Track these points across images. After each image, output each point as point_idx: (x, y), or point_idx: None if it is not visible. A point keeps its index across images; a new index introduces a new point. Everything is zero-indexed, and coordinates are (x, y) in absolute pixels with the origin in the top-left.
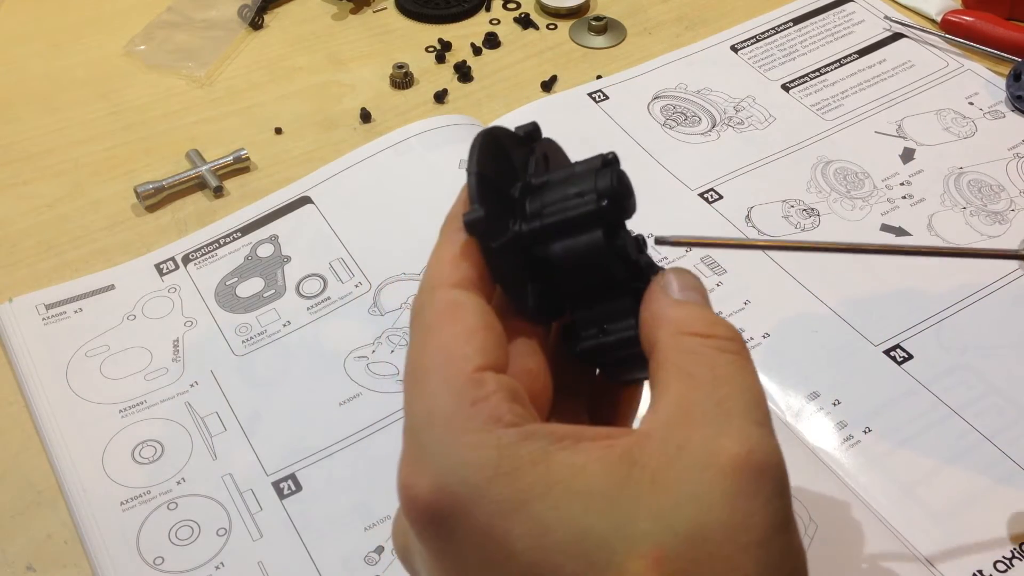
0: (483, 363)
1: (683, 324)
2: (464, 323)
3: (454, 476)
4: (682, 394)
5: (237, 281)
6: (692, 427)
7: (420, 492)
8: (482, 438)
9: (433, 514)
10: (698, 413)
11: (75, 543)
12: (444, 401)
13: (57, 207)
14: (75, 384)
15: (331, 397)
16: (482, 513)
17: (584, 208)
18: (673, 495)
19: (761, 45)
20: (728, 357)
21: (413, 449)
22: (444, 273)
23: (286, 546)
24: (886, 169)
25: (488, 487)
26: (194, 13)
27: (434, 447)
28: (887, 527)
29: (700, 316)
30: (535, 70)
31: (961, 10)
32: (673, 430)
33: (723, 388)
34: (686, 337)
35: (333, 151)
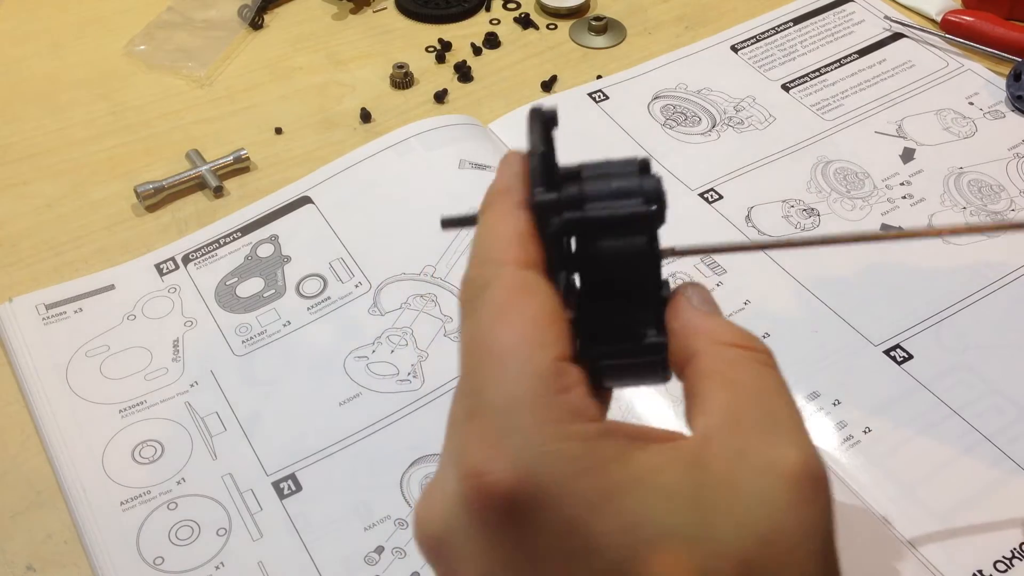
0: (561, 352)
1: (720, 335)
2: (543, 307)
3: (540, 466)
4: (731, 402)
5: (237, 281)
6: (748, 434)
7: (500, 479)
8: (568, 429)
9: (513, 504)
10: (750, 421)
11: (75, 543)
12: (528, 387)
13: (57, 207)
14: (75, 384)
15: (331, 397)
16: (568, 506)
17: (633, 209)
18: (744, 499)
19: (761, 45)
20: (768, 370)
21: (490, 433)
22: (510, 250)
23: (286, 546)
24: (886, 169)
25: (575, 480)
26: (194, 13)
27: (517, 434)
28: (887, 527)
29: (734, 328)
30: (535, 70)
31: (961, 10)
32: (730, 436)
33: (770, 398)
34: (727, 348)
35: (333, 151)
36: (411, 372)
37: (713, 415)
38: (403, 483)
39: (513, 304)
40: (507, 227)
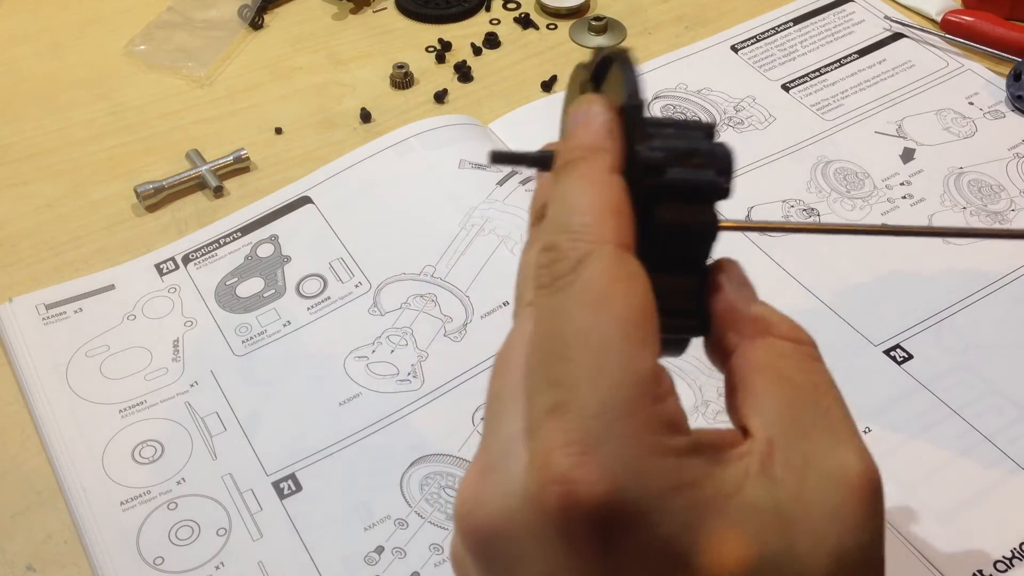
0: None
1: (768, 325)
2: (644, 299)
3: (636, 481)
4: (787, 400)
5: (237, 281)
6: (808, 438)
7: (591, 492)
8: (664, 443)
9: (603, 518)
10: (808, 422)
11: (75, 543)
12: (627, 392)
13: (57, 207)
14: (75, 384)
15: (331, 397)
16: (662, 524)
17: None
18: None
19: (761, 45)
20: (818, 365)
21: (581, 437)
22: (608, 225)
23: (286, 546)
24: (886, 169)
25: (670, 498)
26: (194, 13)
27: (612, 443)
28: (887, 527)
29: (781, 318)
30: (535, 70)
31: (961, 10)
32: (792, 440)
33: (824, 398)
34: (776, 340)
35: (333, 151)
36: (411, 372)
37: (769, 415)
38: (403, 483)
39: (615, 292)
40: (601, 195)
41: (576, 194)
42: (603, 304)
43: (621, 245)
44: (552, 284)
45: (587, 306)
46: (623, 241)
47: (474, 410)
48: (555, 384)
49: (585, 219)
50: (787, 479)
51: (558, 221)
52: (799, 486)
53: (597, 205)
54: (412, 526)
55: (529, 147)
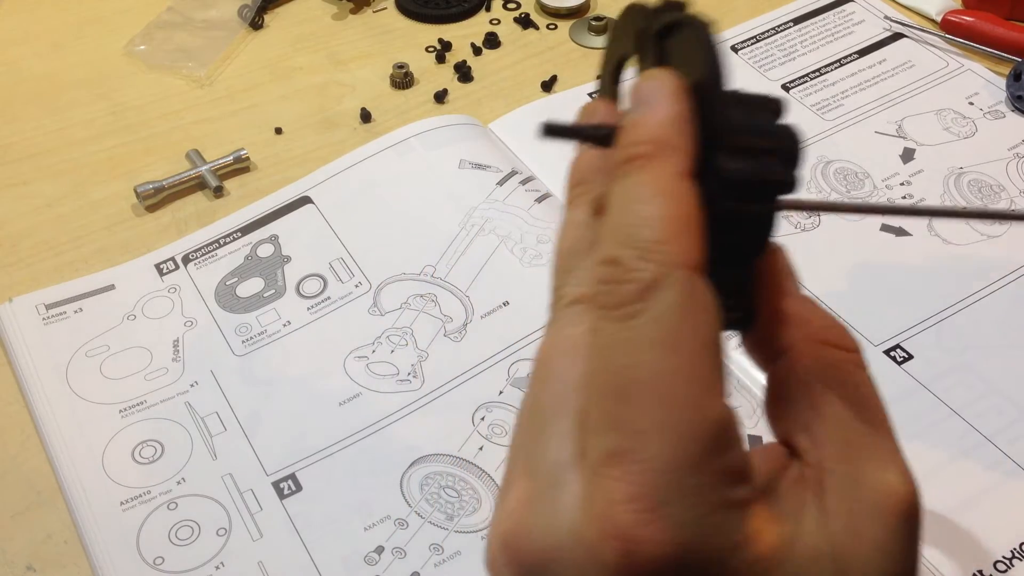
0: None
1: (818, 330)
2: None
3: (701, 541)
4: (837, 416)
5: (237, 281)
6: (859, 459)
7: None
8: (728, 497)
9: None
10: (857, 440)
11: (75, 543)
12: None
13: (57, 207)
14: (75, 384)
15: (331, 397)
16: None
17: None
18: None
19: (761, 45)
20: (866, 377)
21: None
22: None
23: (286, 546)
24: (886, 169)
25: (733, 555)
26: (194, 13)
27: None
28: None
29: (829, 322)
30: (535, 70)
31: (961, 10)
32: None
33: (871, 412)
34: (825, 348)
35: (333, 151)
36: (411, 372)
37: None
38: (403, 483)
39: (687, 330)
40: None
41: (645, 202)
42: (675, 346)
43: (695, 269)
44: (617, 309)
45: (656, 346)
46: (696, 263)
47: (474, 410)
48: (616, 427)
49: (655, 234)
50: (839, 510)
51: (623, 231)
52: (850, 517)
53: (669, 219)
54: (412, 526)
55: (529, 147)
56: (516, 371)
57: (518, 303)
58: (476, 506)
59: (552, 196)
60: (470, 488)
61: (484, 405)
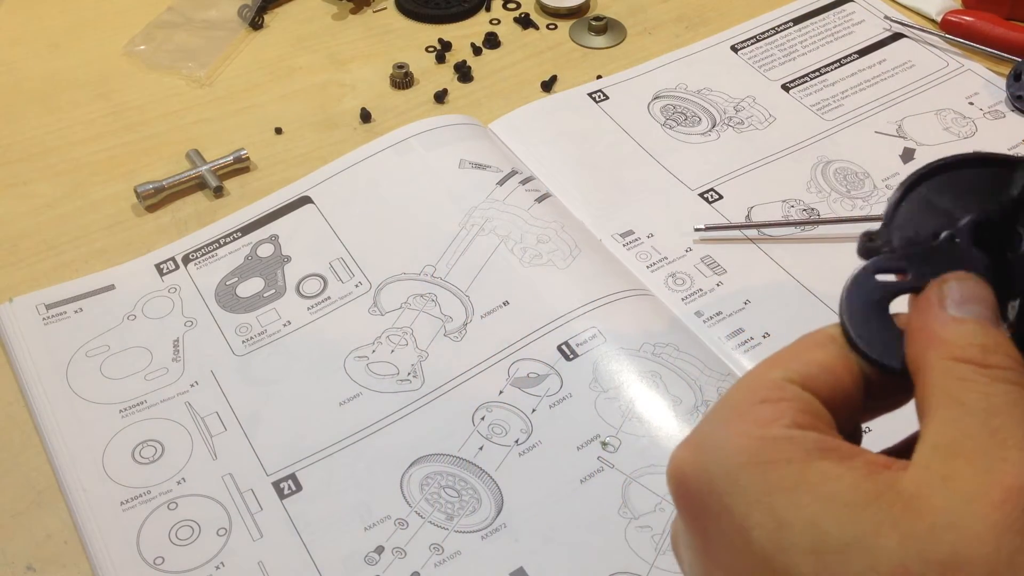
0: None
1: (956, 348)
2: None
3: (713, 456)
4: (952, 423)
5: (237, 281)
6: (961, 458)
7: (684, 467)
8: (750, 429)
9: (690, 489)
10: (969, 444)
11: (75, 543)
12: (739, 395)
13: (57, 207)
14: (75, 384)
15: (331, 397)
16: (729, 496)
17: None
18: (928, 520)
19: (761, 45)
20: (1005, 387)
21: (694, 431)
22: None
23: (286, 546)
24: (886, 169)
25: (739, 473)
26: (194, 13)
27: (708, 429)
28: None
29: (977, 341)
30: (535, 70)
31: (961, 10)
32: (940, 461)
33: (998, 418)
34: (959, 364)
35: (333, 151)
36: (411, 372)
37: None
38: (403, 483)
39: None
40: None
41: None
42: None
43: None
44: None
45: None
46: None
47: (474, 410)
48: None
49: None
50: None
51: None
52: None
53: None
54: (412, 526)
55: (529, 147)
56: (516, 371)
57: (518, 303)
58: (476, 506)
59: (552, 196)
60: (470, 488)
61: (484, 405)
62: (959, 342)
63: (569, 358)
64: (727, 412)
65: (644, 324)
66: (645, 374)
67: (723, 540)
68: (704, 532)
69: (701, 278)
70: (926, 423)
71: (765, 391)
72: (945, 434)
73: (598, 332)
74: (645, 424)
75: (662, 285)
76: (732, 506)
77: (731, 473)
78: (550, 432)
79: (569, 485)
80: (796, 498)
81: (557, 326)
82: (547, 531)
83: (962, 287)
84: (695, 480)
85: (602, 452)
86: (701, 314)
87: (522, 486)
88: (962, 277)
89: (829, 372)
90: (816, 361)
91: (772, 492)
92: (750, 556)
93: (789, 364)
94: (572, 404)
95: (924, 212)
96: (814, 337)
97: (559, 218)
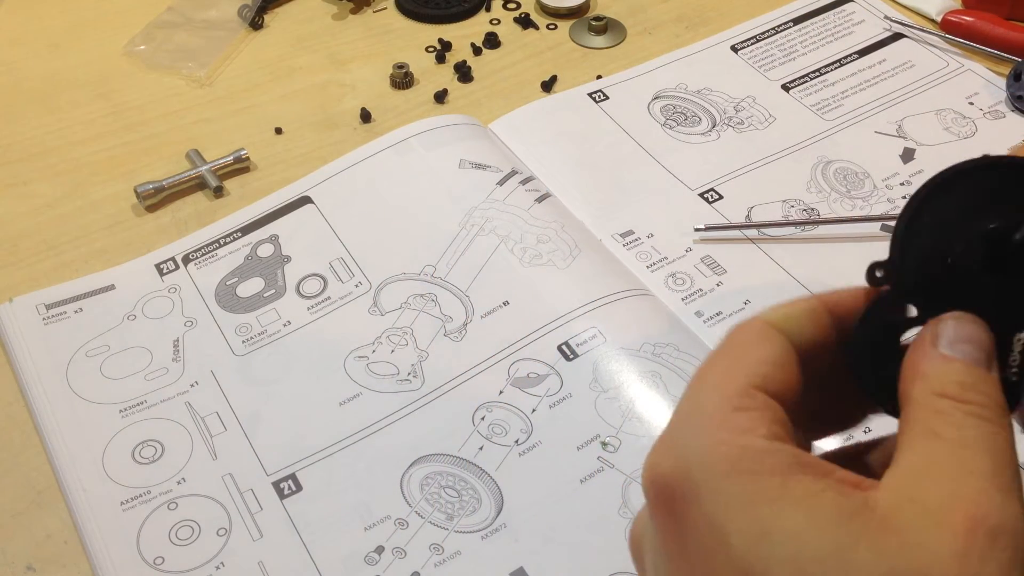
0: (762, 385)
1: (938, 384)
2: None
3: (695, 460)
4: (924, 452)
5: (237, 281)
6: (929, 483)
7: (662, 471)
8: (732, 437)
9: (669, 493)
10: (937, 471)
11: (75, 543)
12: (710, 401)
13: (57, 207)
14: (75, 384)
15: (331, 397)
16: (711, 502)
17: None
18: (899, 538)
19: (761, 45)
20: (976, 422)
21: (667, 436)
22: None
23: (286, 546)
24: (886, 169)
25: (722, 479)
26: (194, 13)
27: (686, 435)
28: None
29: (959, 378)
30: (535, 70)
31: (961, 10)
32: (910, 482)
33: (967, 450)
34: (939, 398)
35: (333, 151)
36: (411, 372)
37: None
38: (403, 483)
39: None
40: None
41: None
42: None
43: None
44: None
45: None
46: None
47: (474, 410)
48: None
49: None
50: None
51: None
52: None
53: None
54: (412, 526)
55: (529, 147)
56: (516, 371)
57: (518, 303)
58: (476, 506)
59: (552, 196)
60: (470, 488)
61: (484, 405)
62: (941, 378)
63: (569, 358)
64: (702, 419)
65: (644, 324)
66: (645, 374)
67: (700, 545)
68: (680, 537)
69: (701, 278)
70: (901, 450)
71: (737, 399)
72: (917, 460)
73: (598, 332)
74: (645, 424)
75: (662, 285)
76: (713, 512)
77: (713, 480)
78: (550, 432)
79: (569, 485)
80: (779, 509)
81: (557, 326)
82: (547, 531)
83: (957, 327)
84: (676, 485)
85: (602, 452)
86: (701, 314)
87: (522, 486)
88: (959, 317)
89: (780, 368)
90: (768, 360)
91: (756, 502)
92: (727, 562)
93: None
94: (572, 404)
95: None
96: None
97: (559, 218)
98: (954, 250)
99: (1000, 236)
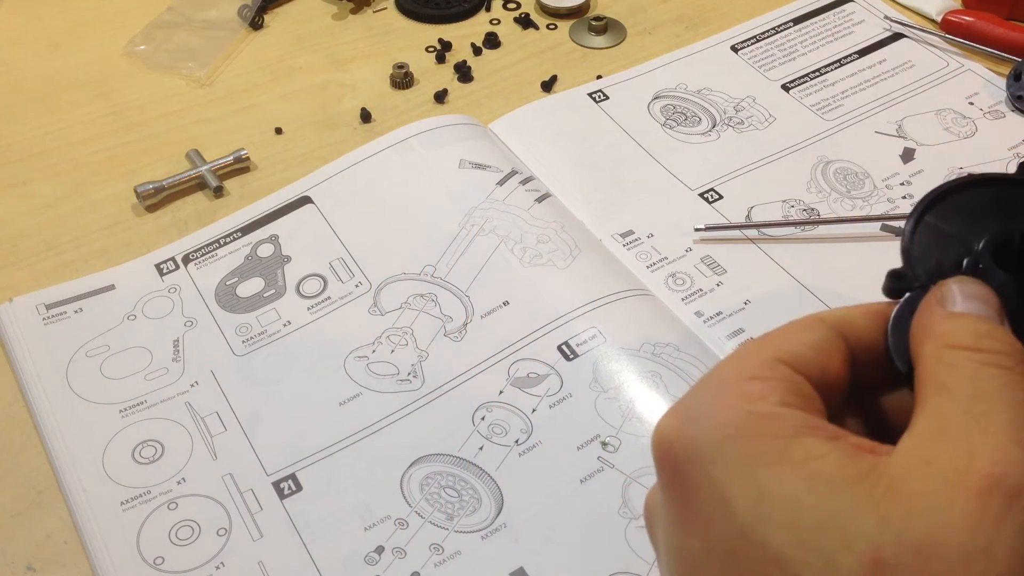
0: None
1: (950, 337)
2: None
3: (698, 425)
4: (938, 410)
5: (237, 281)
6: (943, 442)
7: (669, 435)
8: (738, 402)
9: (674, 457)
10: (952, 428)
11: (75, 543)
12: (730, 371)
13: (57, 207)
14: (75, 384)
15: (331, 397)
16: (712, 465)
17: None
18: (906, 505)
19: (761, 45)
20: (993, 371)
21: (681, 402)
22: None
23: (286, 546)
24: (886, 169)
25: (723, 443)
26: (194, 13)
27: (695, 400)
28: None
29: (971, 328)
30: (535, 70)
31: (961, 10)
32: (923, 445)
33: (984, 403)
34: (950, 351)
35: (333, 151)
36: (411, 372)
37: (915, 426)
38: (403, 483)
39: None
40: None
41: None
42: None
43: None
44: None
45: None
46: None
47: (474, 410)
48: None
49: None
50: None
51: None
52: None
53: None
54: (412, 526)
55: (529, 147)
56: (516, 371)
57: (518, 303)
58: (476, 506)
59: (552, 196)
60: (470, 488)
61: (484, 405)
62: (954, 332)
63: (569, 358)
64: (716, 385)
65: (644, 324)
66: (645, 374)
67: (702, 509)
68: (684, 501)
69: (701, 278)
70: (915, 412)
71: (755, 368)
72: (930, 420)
73: (598, 332)
74: (645, 424)
75: (662, 285)
76: (715, 475)
77: (716, 443)
78: (550, 432)
79: (569, 485)
80: (779, 472)
81: (557, 326)
82: (547, 531)
83: (962, 288)
84: (680, 449)
85: (602, 452)
86: (701, 314)
87: (522, 486)
88: (962, 280)
89: (818, 353)
90: (806, 342)
91: (756, 464)
92: (728, 526)
93: (780, 345)
94: (572, 404)
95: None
96: (804, 321)
97: (559, 218)
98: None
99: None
